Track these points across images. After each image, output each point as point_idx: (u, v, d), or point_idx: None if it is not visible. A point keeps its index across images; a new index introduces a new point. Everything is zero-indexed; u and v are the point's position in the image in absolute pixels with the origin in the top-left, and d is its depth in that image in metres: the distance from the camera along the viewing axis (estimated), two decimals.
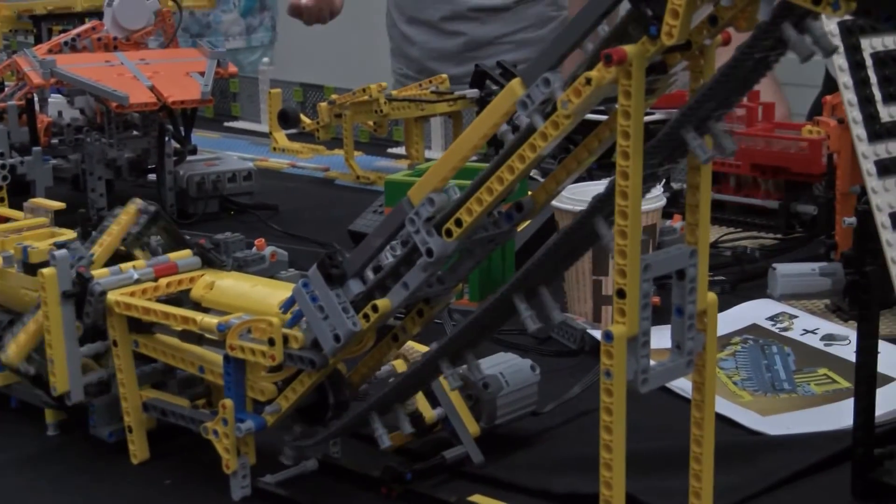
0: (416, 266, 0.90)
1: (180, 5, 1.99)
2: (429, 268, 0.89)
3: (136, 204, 1.12)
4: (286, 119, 2.11)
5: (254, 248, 1.21)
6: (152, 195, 1.88)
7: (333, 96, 2.09)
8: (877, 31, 0.88)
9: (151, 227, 1.12)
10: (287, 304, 0.97)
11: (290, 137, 2.32)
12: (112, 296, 1.05)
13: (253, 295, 1.05)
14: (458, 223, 0.86)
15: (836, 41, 0.87)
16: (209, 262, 1.11)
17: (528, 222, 1.46)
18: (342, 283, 0.93)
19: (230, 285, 1.08)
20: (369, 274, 0.93)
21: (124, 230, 1.11)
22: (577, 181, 0.99)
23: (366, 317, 0.92)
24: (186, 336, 1.04)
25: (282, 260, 1.25)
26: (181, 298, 1.09)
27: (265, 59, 2.59)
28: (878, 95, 0.88)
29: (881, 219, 0.85)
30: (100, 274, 1.06)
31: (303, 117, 2.14)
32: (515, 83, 0.81)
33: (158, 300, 1.07)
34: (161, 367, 1.10)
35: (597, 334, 1.29)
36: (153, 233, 1.13)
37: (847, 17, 0.69)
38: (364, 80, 2.09)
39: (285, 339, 0.95)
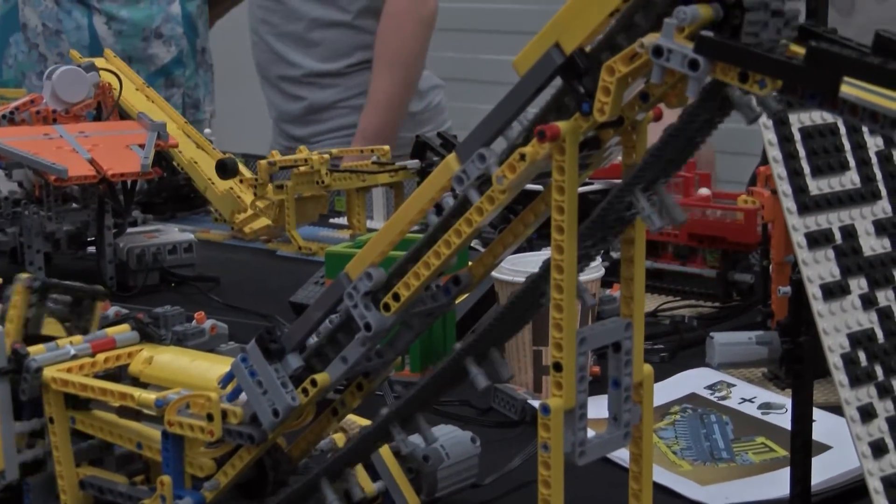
0: (354, 340, 0.90)
1: (120, 79, 1.99)
2: (367, 342, 0.89)
3: (21, 282, 1.09)
4: (224, 169, 2.08)
5: (193, 322, 1.21)
6: (91, 268, 1.87)
7: (274, 154, 2.08)
8: (804, 106, 0.90)
9: (45, 300, 1.11)
10: (226, 379, 0.96)
11: None
12: (48, 372, 1.04)
13: (192, 370, 1.04)
14: (396, 297, 0.87)
15: (765, 117, 0.89)
16: (147, 336, 1.11)
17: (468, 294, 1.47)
18: (281, 358, 0.93)
19: (169, 360, 1.07)
20: (308, 349, 0.93)
21: (22, 312, 1.09)
22: (517, 251, 1.00)
23: (304, 391, 0.92)
24: (124, 412, 1.03)
25: (222, 333, 1.25)
26: (119, 374, 1.08)
27: (207, 131, 2.59)
28: (806, 169, 0.89)
29: (812, 290, 0.87)
30: (36, 350, 1.06)
31: (241, 168, 2.13)
32: (451, 159, 0.82)
33: (96, 376, 1.06)
34: (98, 443, 1.08)
35: (537, 404, 1.29)
36: (50, 302, 1.11)
37: (774, 94, 0.71)
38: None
39: (224, 414, 0.95)
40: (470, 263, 0.91)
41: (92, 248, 1.91)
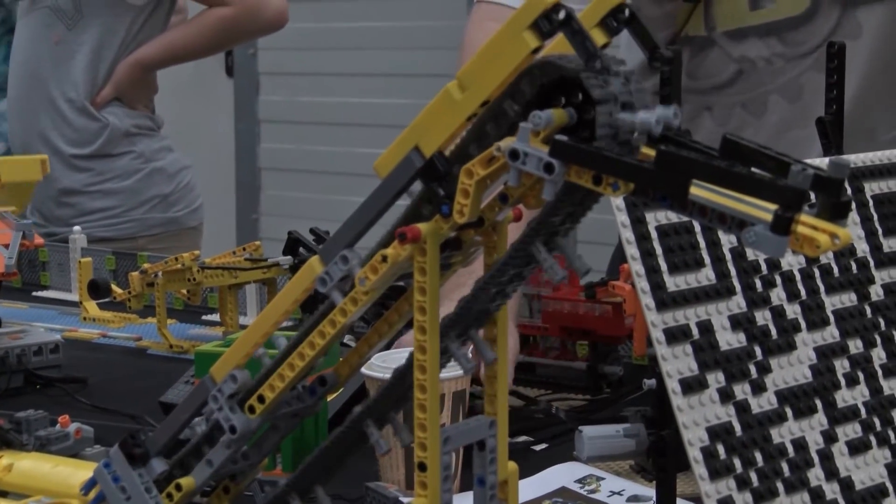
0: (219, 443, 0.89)
1: None
2: (232, 444, 0.89)
3: None
4: (97, 289, 2.07)
5: (58, 426, 1.18)
6: None
7: (145, 265, 2.08)
8: (656, 207, 0.92)
9: None
10: (88, 486, 0.95)
11: (102, 306, 2.28)
12: None
13: (53, 476, 1.03)
14: (261, 399, 0.86)
15: (623, 215, 0.92)
16: (8, 442, 1.08)
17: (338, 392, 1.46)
18: (145, 462, 0.92)
19: (30, 466, 1.05)
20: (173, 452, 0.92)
21: None
22: (387, 347, 1.01)
23: (169, 496, 0.91)
24: None
25: (87, 437, 1.22)
26: None
27: (76, 228, 2.55)
28: (663, 266, 0.92)
29: (671, 385, 0.89)
30: None
31: (114, 287, 2.12)
32: (314, 261, 0.83)
33: None
34: None
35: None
36: None
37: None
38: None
39: None
40: (341, 359, 0.91)
41: None
